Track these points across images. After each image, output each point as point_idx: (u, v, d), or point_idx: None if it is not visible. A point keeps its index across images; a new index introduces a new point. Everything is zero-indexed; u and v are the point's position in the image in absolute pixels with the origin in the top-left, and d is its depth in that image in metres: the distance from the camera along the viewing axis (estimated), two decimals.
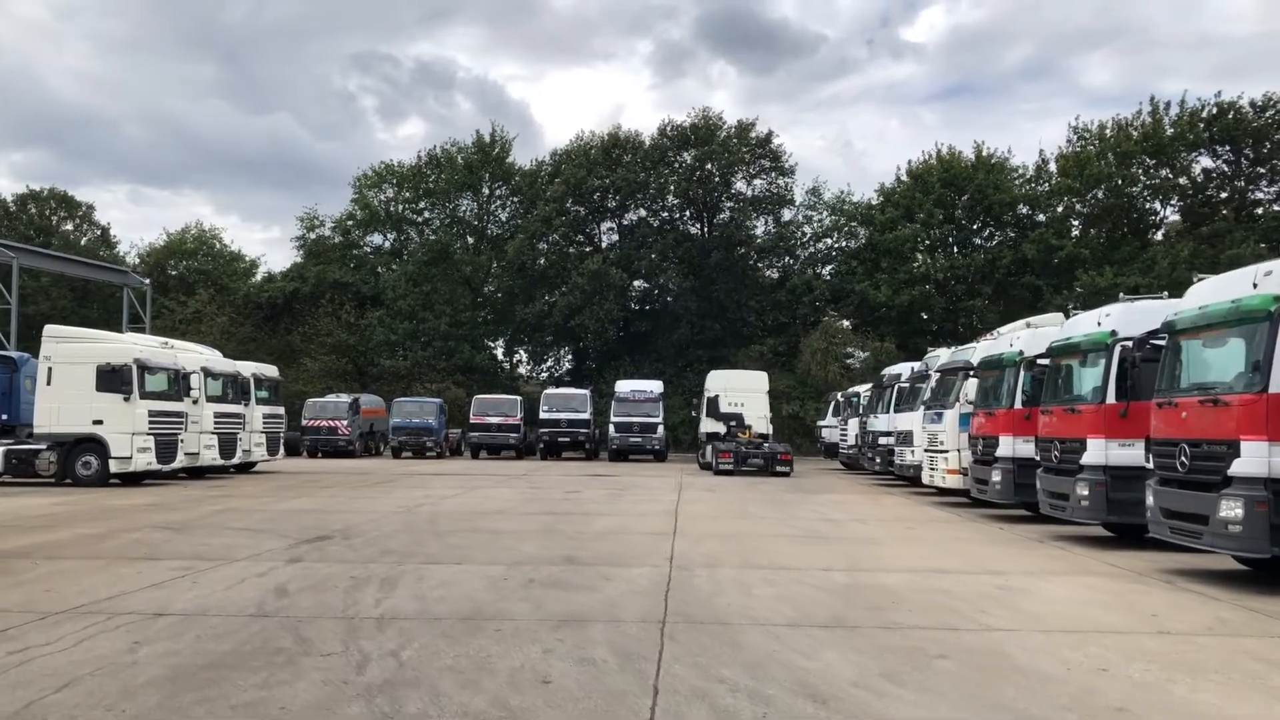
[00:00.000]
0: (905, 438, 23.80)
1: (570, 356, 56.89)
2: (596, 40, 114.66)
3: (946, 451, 19.76)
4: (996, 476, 16.50)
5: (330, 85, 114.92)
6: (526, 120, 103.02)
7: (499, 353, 60.04)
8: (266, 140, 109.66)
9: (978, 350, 19.75)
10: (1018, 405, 16.28)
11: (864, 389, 33.13)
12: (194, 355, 26.87)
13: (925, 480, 21.14)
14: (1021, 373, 16.28)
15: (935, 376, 21.66)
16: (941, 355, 23.45)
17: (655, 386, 42.71)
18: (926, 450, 21.03)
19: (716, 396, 33.82)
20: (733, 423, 32.66)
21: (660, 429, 40.94)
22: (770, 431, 33.70)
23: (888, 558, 12.19)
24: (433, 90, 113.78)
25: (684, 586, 9.71)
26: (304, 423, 42.11)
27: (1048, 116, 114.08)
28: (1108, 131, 47.14)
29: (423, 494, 21.87)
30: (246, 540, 13.17)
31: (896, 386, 26.50)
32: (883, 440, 26.62)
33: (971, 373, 18.86)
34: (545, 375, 58.17)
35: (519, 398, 45.62)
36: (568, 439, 42.41)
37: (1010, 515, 17.80)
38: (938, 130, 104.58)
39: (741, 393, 33.98)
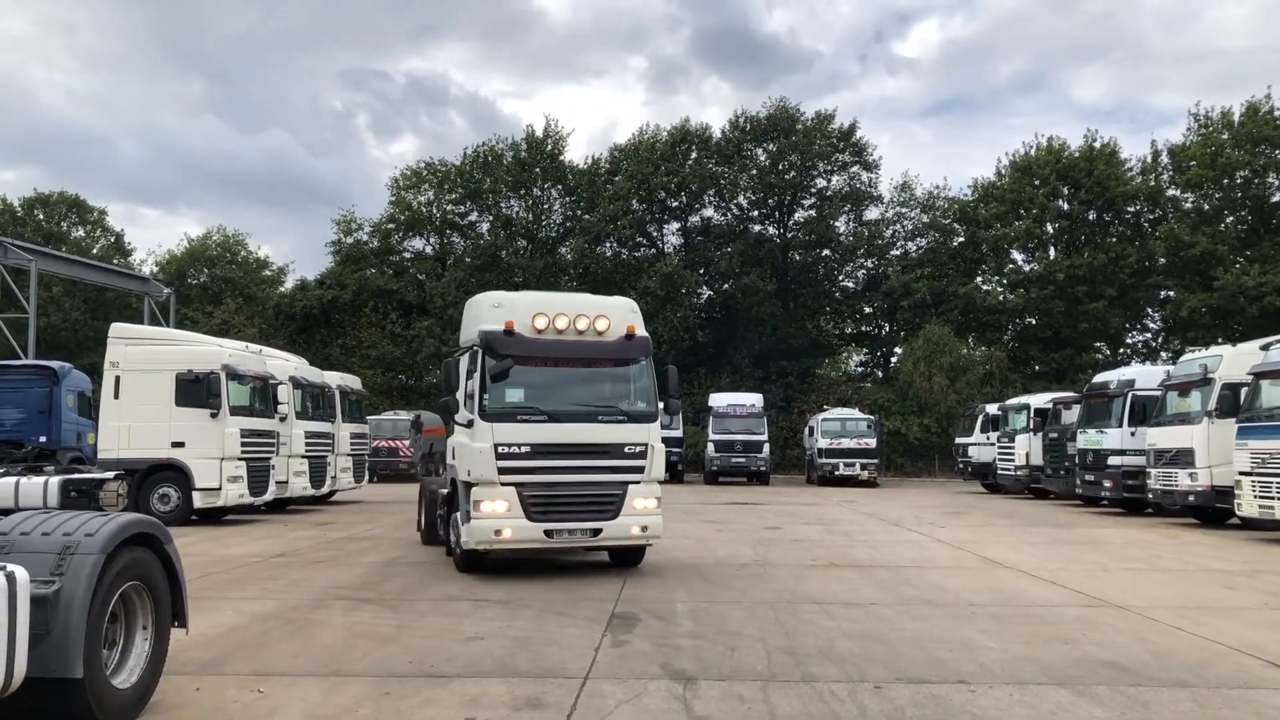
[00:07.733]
0: (1175, 458, 19.31)
1: None
2: (589, 56, 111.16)
3: None
4: None
5: (323, 102, 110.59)
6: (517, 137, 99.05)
7: None
8: (260, 158, 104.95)
9: None
10: None
11: (1039, 400, 28.66)
12: (280, 362, 22.21)
13: (1250, 513, 16.62)
14: None
15: (1248, 380, 17.19)
16: (1225, 353, 19.05)
17: (755, 399, 38.49)
18: (1250, 475, 16.52)
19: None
20: None
21: (766, 447, 36.63)
22: None
23: None
24: (425, 106, 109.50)
25: None
26: None
27: (1040, 131, 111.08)
28: (1236, 118, 43.04)
29: None
30: (522, 625, 8.56)
31: (1131, 395, 22.07)
32: (1114, 461, 22.11)
33: None
34: None
35: None
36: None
37: None
38: (930, 145, 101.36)
39: None
